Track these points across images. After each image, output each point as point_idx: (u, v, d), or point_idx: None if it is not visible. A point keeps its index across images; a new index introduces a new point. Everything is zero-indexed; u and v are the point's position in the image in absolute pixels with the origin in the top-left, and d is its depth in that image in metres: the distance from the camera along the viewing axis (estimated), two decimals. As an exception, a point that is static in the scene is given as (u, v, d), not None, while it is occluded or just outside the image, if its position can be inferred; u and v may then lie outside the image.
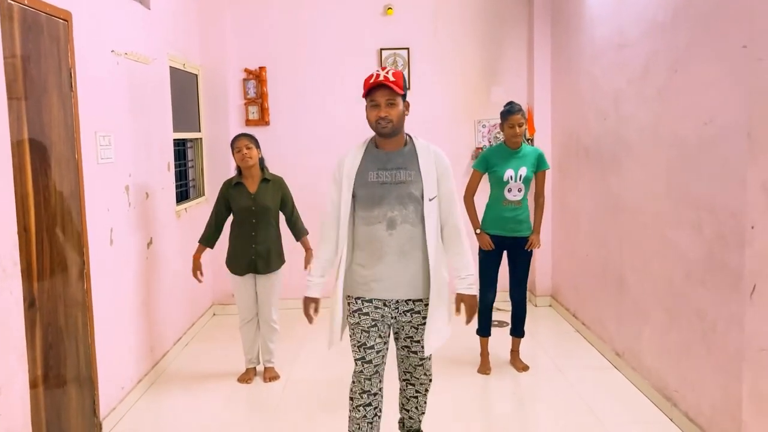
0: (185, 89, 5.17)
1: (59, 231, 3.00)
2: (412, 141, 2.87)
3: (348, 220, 2.80)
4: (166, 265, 4.47)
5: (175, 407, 3.84)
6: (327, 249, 2.89)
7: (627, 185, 4.03)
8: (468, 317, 2.86)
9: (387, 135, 2.76)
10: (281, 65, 5.66)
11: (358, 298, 2.83)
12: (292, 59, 5.66)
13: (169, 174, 4.63)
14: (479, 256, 4.16)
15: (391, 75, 2.71)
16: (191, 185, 5.46)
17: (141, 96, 4.10)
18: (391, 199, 2.76)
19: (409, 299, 2.82)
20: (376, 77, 2.70)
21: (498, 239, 4.10)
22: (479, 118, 5.73)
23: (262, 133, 5.30)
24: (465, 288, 2.85)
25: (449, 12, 5.68)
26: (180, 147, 5.19)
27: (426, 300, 2.82)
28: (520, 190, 4.08)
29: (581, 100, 4.85)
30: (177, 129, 4.88)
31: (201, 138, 5.52)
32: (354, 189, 2.80)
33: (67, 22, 3.12)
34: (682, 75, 3.31)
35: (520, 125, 3.99)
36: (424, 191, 2.77)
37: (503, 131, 4.08)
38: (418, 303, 2.83)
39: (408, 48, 5.67)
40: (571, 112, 5.11)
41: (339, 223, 2.83)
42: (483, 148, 5.67)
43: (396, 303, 2.82)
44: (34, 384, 2.71)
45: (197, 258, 4.10)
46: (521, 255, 4.17)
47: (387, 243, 2.75)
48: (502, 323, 5.11)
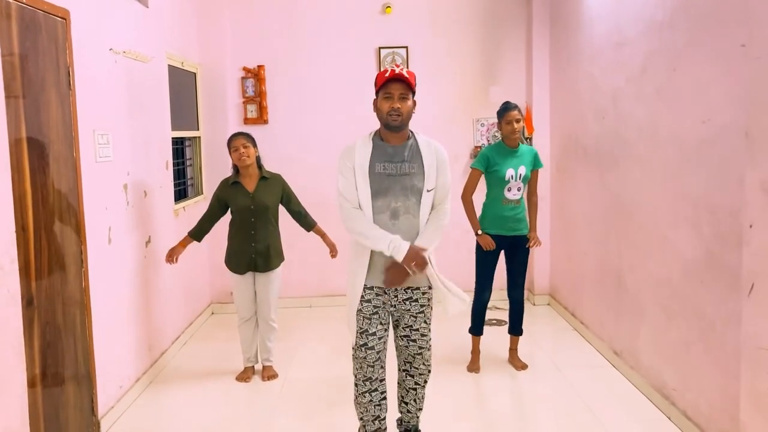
0: (183, 88, 5.16)
1: (57, 229, 3.00)
2: (414, 136, 2.97)
3: (370, 212, 2.85)
4: (164, 264, 4.46)
5: (174, 406, 3.84)
6: (367, 220, 2.87)
7: (625, 184, 4.03)
8: (391, 281, 2.87)
9: (396, 128, 2.85)
10: (280, 64, 5.65)
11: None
12: (290, 58, 5.65)
13: (168, 172, 4.63)
14: (477, 256, 4.17)
15: (406, 72, 2.82)
16: (189, 184, 5.45)
17: (139, 94, 4.09)
18: (396, 191, 2.86)
19: (409, 287, 2.93)
20: (392, 72, 2.80)
21: (497, 239, 4.10)
22: (478, 117, 5.73)
23: (260, 132, 5.31)
24: (422, 244, 2.85)
25: (448, 11, 5.68)
26: (178, 145, 5.18)
27: (423, 288, 2.95)
28: (519, 189, 4.08)
29: (580, 99, 4.85)
30: (175, 127, 4.87)
31: (199, 136, 5.52)
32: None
33: (65, 20, 3.12)
34: (680, 74, 3.32)
35: (517, 121, 4.01)
36: (426, 184, 2.88)
37: (501, 129, 4.09)
38: (416, 291, 2.94)
39: (407, 47, 5.67)
40: (570, 111, 5.11)
41: (362, 210, 2.87)
42: (482, 146, 5.68)
43: (395, 291, 2.92)
44: (32, 382, 2.70)
45: (181, 246, 4.07)
46: (520, 254, 4.18)
47: (390, 232, 2.84)
48: (501, 322, 5.12)
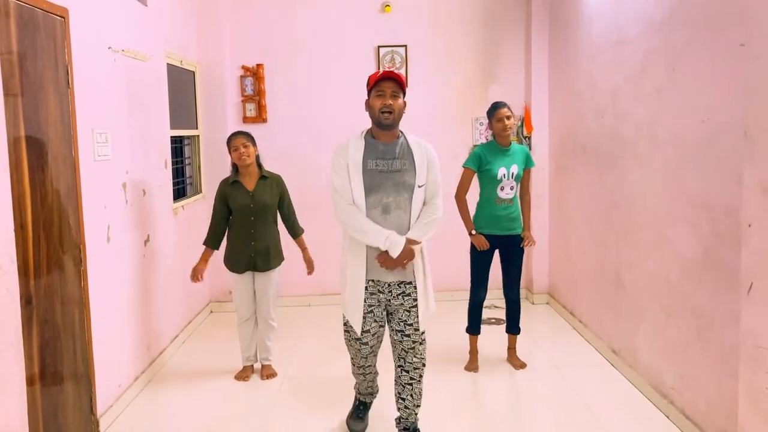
0: (182, 86, 5.16)
1: (56, 228, 3.00)
2: (404, 136, 3.10)
3: (364, 204, 2.97)
4: (163, 263, 4.46)
5: (172, 405, 3.84)
6: (362, 215, 2.98)
7: (624, 183, 4.03)
8: (392, 263, 2.96)
9: (387, 125, 2.99)
10: (279, 62, 5.65)
11: None
12: (289, 56, 5.65)
13: (166, 171, 4.62)
14: (472, 255, 4.17)
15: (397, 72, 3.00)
16: (188, 182, 5.45)
17: (138, 93, 4.09)
18: (388, 187, 2.98)
19: (402, 282, 3.05)
20: (385, 71, 2.99)
21: (492, 238, 4.10)
22: (477, 115, 5.73)
23: (259, 131, 5.30)
24: (412, 238, 2.96)
25: (447, 9, 5.68)
26: (177, 144, 5.18)
27: (416, 283, 3.06)
28: (512, 188, 4.08)
29: (579, 97, 4.85)
30: (174, 126, 4.87)
31: (198, 135, 5.51)
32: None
33: (64, 18, 3.11)
34: (679, 73, 3.32)
35: (508, 117, 4.02)
36: (416, 180, 3.01)
37: (492, 128, 4.10)
38: (408, 286, 3.06)
39: (406, 45, 5.66)
40: (569, 110, 5.11)
41: (357, 205, 2.98)
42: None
43: (389, 285, 3.04)
44: (30, 381, 2.70)
45: (204, 261, 4.04)
46: (515, 253, 4.17)
47: (382, 227, 2.95)
48: (499, 321, 5.12)
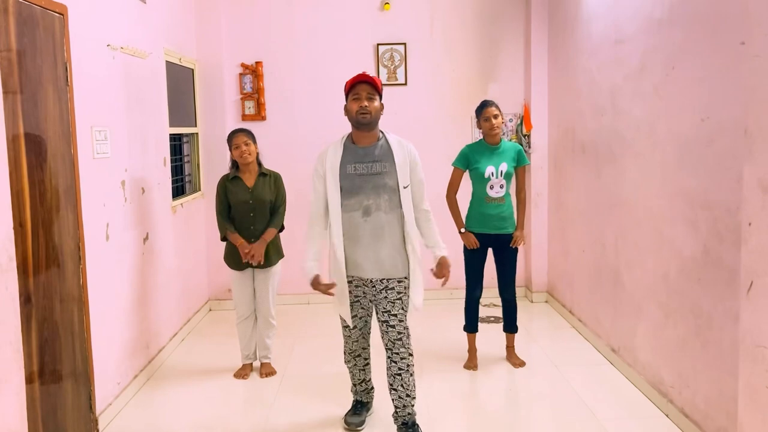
0: (181, 84, 5.15)
1: (55, 226, 2.99)
2: (384, 136, 3.20)
3: (340, 211, 3.12)
4: (162, 261, 4.46)
5: (172, 403, 3.84)
6: (316, 243, 3.25)
7: (623, 181, 4.04)
8: (447, 274, 3.22)
9: (365, 125, 3.10)
10: (278, 60, 5.64)
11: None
12: (288, 54, 5.64)
13: (165, 169, 4.62)
14: (465, 254, 4.17)
15: (372, 75, 3.11)
16: (187, 180, 5.44)
17: (137, 91, 4.08)
18: (368, 189, 3.09)
19: (384, 278, 3.14)
20: (359, 75, 3.11)
21: (483, 237, 4.10)
22: (476, 113, 5.72)
23: (258, 129, 5.28)
24: (444, 252, 3.24)
25: (446, 7, 5.67)
26: (176, 142, 5.17)
27: (399, 278, 3.15)
28: (501, 186, 4.07)
29: (578, 96, 4.84)
30: (173, 124, 4.86)
31: (197, 133, 5.50)
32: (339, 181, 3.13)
33: (63, 15, 3.11)
34: (679, 71, 3.32)
35: (495, 116, 4.02)
36: (399, 180, 3.10)
37: (480, 127, 4.11)
38: (391, 281, 3.15)
39: (405, 43, 5.66)
40: (568, 108, 5.11)
41: (330, 213, 3.15)
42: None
43: (372, 282, 3.16)
44: (29, 379, 2.70)
45: (242, 242, 3.94)
46: (507, 253, 4.16)
47: (362, 228, 3.10)
48: (498, 319, 5.12)
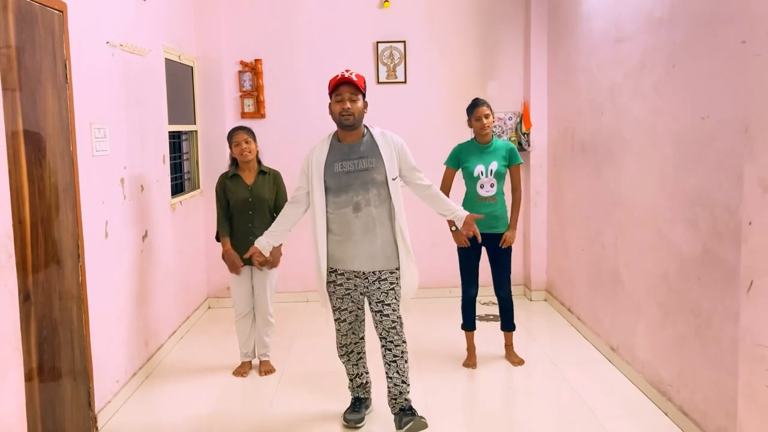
0: (180, 81, 5.14)
1: (54, 223, 2.99)
2: (369, 131, 3.24)
3: (323, 208, 3.19)
4: (161, 258, 4.46)
5: (170, 400, 3.84)
6: (281, 226, 3.36)
7: (623, 180, 4.03)
8: (474, 230, 3.27)
9: (349, 126, 3.14)
10: (277, 58, 5.63)
11: (333, 270, 3.26)
12: (288, 52, 5.63)
13: (164, 166, 4.61)
14: (459, 252, 4.17)
15: (354, 76, 3.12)
16: (186, 178, 5.43)
17: (136, 88, 4.07)
18: (356, 186, 3.14)
19: (376, 270, 3.20)
20: (341, 76, 3.11)
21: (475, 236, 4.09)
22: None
23: (257, 126, 5.27)
24: (465, 214, 3.30)
25: (446, 5, 5.66)
26: (175, 139, 5.16)
27: (391, 269, 3.22)
28: (492, 185, 4.06)
29: (577, 94, 4.84)
30: (172, 121, 4.85)
31: (196, 130, 5.50)
32: (324, 179, 3.18)
33: (62, 13, 3.10)
34: (679, 69, 3.31)
35: (486, 116, 4.02)
36: (387, 173, 3.15)
37: (471, 126, 4.11)
38: (384, 272, 3.21)
39: (404, 41, 5.65)
40: (567, 106, 5.10)
41: (313, 211, 3.22)
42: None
43: (365, 274, 3.21)
44: (28, 377, 2.70)
45: (229, 250, 3.96)
46: (500, 251, 4.15)
47: (354, 224, 3.16)
48: (497, 317, 5.10)
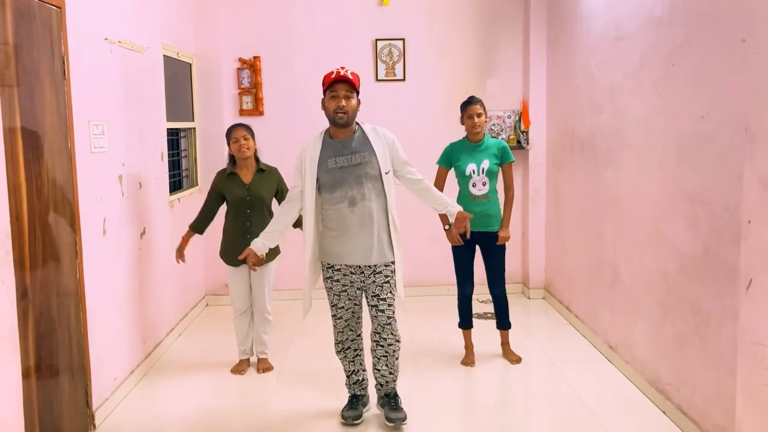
0: (179, 78, 5.12)
1: (52, 220, 2.98)
2: (360, 127, 3.27)
3: (314, 205, 3.21)
4: (159, 256, 4.45)
5: (168, 398, 3.83)
6: (277, 225, 3.37)
7: (622, 179, 4.03)
8: (465, 227, 3.36)
9: (342, 124, 3.17)
10: (276, 55, 5.62)
11: (330, 266, 3.30)
12: (286, 49, 5.62)
13: (163, 164, 4.60)
14: (453, 251, 4.16)
15: (350, 74, 3.13)
16: (184, 175, 5.42)
17: (134, 85, 4.06)
18: (351, 181, 3.17)
19: (372, 264, 3.23)
20: (337, 73, 3.12)
21: (469, 234, 4.08)
22: (474, 110, 5.70)
23: (256, 123, 5.25)
24: (457, 209, 3.36)
25: (445, 3, 5.65)
26: (173, 136, 5.15)
27: (386, 262, 3.25)
28: (484, 183, 4.06)
29: (577, 92, 4.83)
30: (170, 118, 4.84)
31: (194, 128, 5.48)
32: (318, 176, 3.20)
33: (60, 9, 3.08)
34: (679, 68, 3.31)
35: (479, 115, 4.02)
36: (380, 167, 3.18)
37: (463, 123, 4.11)
38: (379, 266, 3.25)
39: (403, 39, 5.64)
40: (567, 104, 5.10)
41: (304, 209, 3.24)
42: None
43: (360, 268, 3.25)
44: (26, 374, 2.69)
45: (185, 241, 4.10)
46: (494, 250, 4.14)
47: (349, 218, 3.19)
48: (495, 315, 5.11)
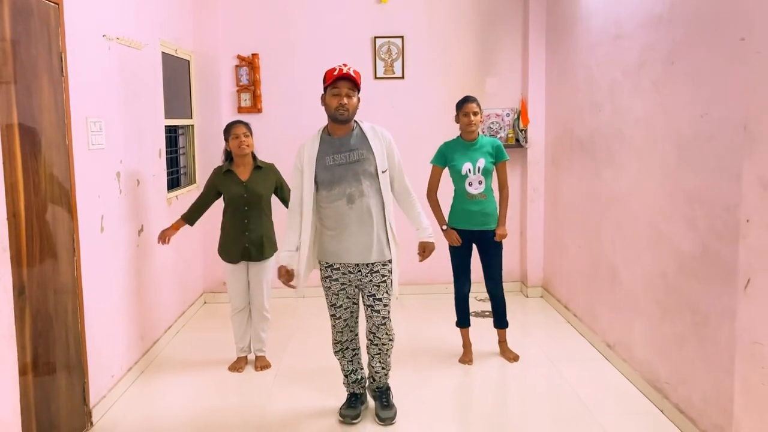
0: (177, 75, 5.11)
1: (49, 217, 2.97)
2: (358, 125, 3.27)
3: (312, 200, 3.21)
4: (157, 253, 4.44)
5: (166, 395, 3.82)
6: (295, 233, 3.31)
7: (621, 178, 4.03)
8: (427, 257, 3.45)
9: (342, 122, 3.17)
10: (274, 52, 5.60)
11: (329, 266, 3.29)
12: (285, 46, 5.61)
13: (161, 161, 4.59)
14: (450, 250, 4.17)
15: (352, 71, 3.13)
16: (182, 172, 5.41)
17: (132, 82, 4.05)
18: (349, 177, 3.17)
19: (369, 263, 3.24)
20: (340, 70, 3.10)
21: (466, 233, 4.10)
22: (473, 108, 5.70)
23: (254, 121, 5.25)
24: (427, 237, 3.42)
25: (444, 1, 5.64)
26: (171, 134, 5.14)
27: (383, 261, 3.26)
28: (480, 182, 4.06)
29: (576, 91, 4.83)
30: (168, 115, 4.83)
31: (192, 125, 5.47)
32: (316, 173, 3.20)
33: (58, 5, 3.07)
34: (678, 67, 3.31)
35: (474, 113, 4.02)
36: (377, 166, 3.20)
37: (458, 121, 4.11)
38: (376, 265, 3.25)
39: (402, 36, 5.63)
40: (566, 103, 5.09)
41: (303, 206, 3.24)
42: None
43: (358, 267, 3.25)
44: (23, 371, 2.68)
45: (174, 228, 4.10)
46: (491, 248, 4.15)
47: (348, 216, 3.19)
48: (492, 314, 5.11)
